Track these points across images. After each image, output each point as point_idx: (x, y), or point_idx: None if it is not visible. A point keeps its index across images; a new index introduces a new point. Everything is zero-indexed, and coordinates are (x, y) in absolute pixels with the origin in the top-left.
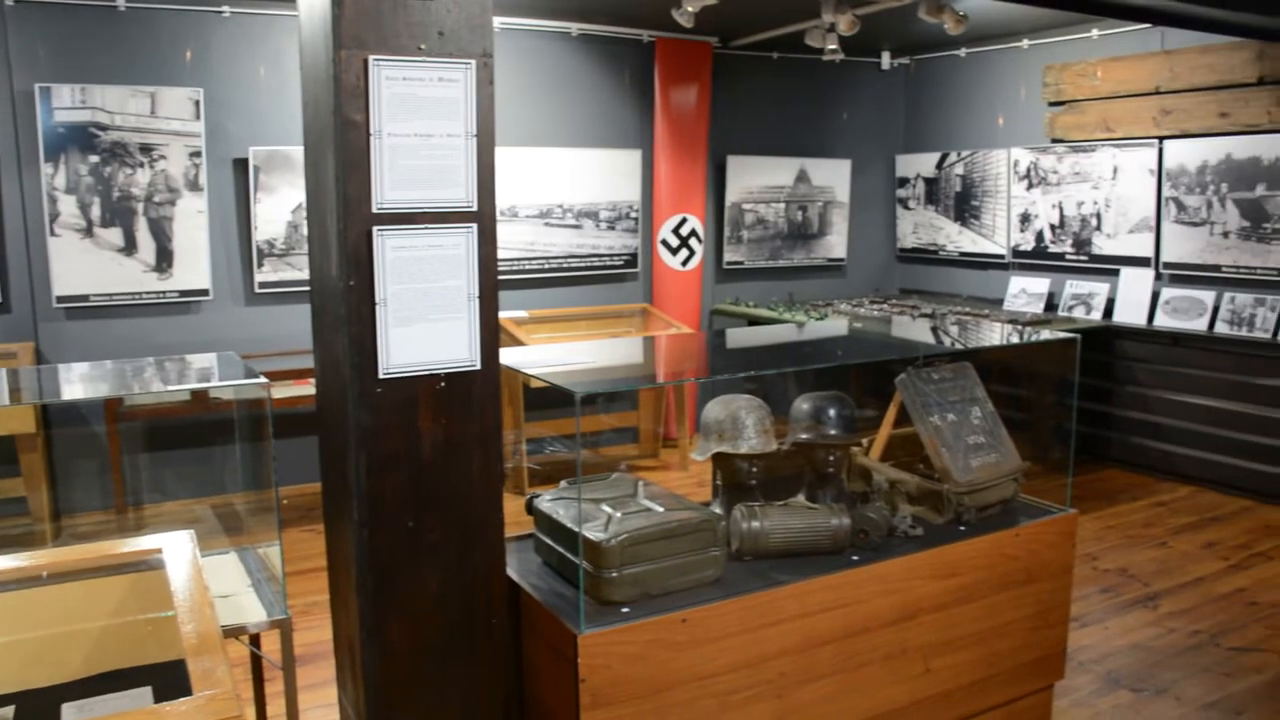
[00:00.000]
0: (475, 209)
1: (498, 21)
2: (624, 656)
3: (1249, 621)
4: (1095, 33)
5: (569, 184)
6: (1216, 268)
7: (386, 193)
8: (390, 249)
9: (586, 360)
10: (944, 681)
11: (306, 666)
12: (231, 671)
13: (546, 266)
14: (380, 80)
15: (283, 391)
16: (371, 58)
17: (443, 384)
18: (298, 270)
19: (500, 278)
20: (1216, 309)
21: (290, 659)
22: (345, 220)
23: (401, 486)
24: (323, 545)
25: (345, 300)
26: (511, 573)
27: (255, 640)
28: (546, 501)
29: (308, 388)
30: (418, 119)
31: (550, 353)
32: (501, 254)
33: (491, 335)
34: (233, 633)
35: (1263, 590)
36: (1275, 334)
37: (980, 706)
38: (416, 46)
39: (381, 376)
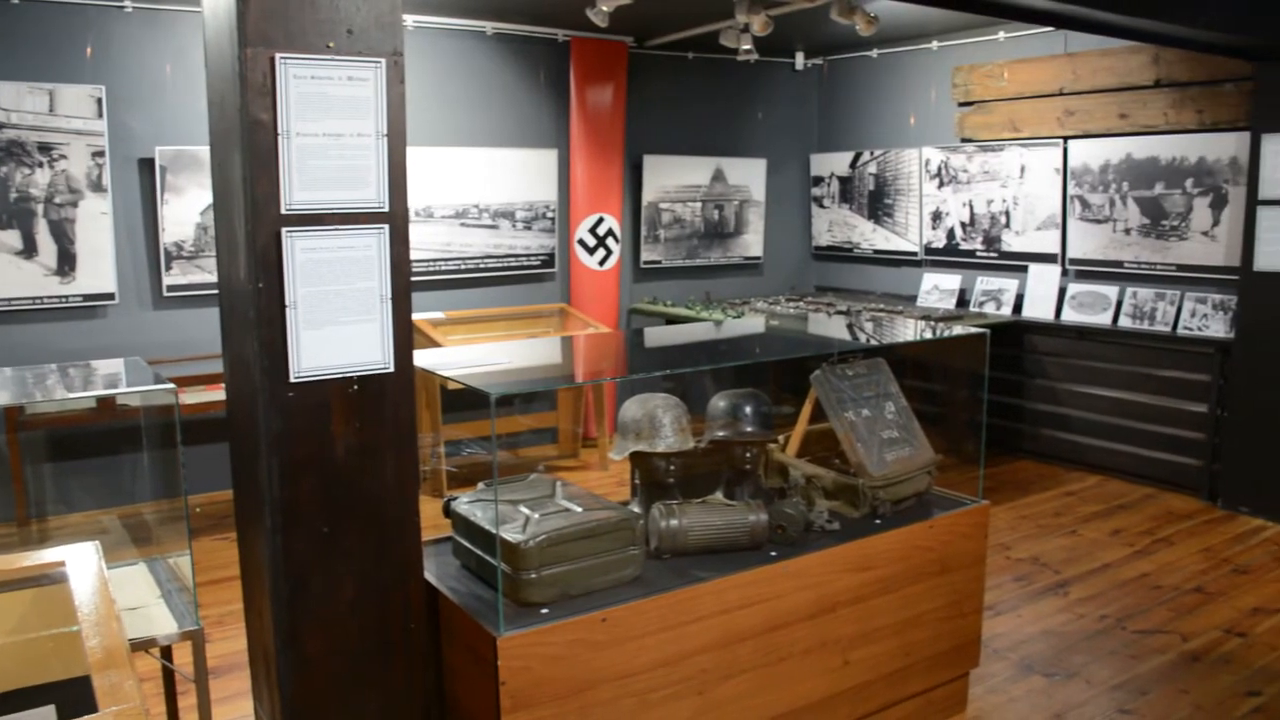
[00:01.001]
0: (387, 209)
1: (411, 20)
2: (544, 658)
3: (1153, 605)
4: (1002, 35)
5: (485, 184)
6: (1119, 264)
7: (295, 193)
8: (300, 251)
9: (503, 361)
10: (863, 673)
11: (221, 678)
12: (141, 686)
13: (463, 267)
14: (288, 79)
15: (193, 397)
16: (278, 55)
17: (355, 387)
18: (207, 273)
19: (416, 279)
20: (1120, 303)
21: (203, 671)
22: (253, 222)
23: (315, 491)
24: (236, 553)
25: (254, 303)
26: (429, 576)
27: (166, 653)
28: (464, 504)
29: (219, 393)
30: (327, 118)
31: (467, 354)
32: (417, 255)
33: (405, 337)
34: (142, 646)
35: (1165, 574)
36: (1175, 327)
37: (898, 696)
38: (325, 44)
39: (293, 380)
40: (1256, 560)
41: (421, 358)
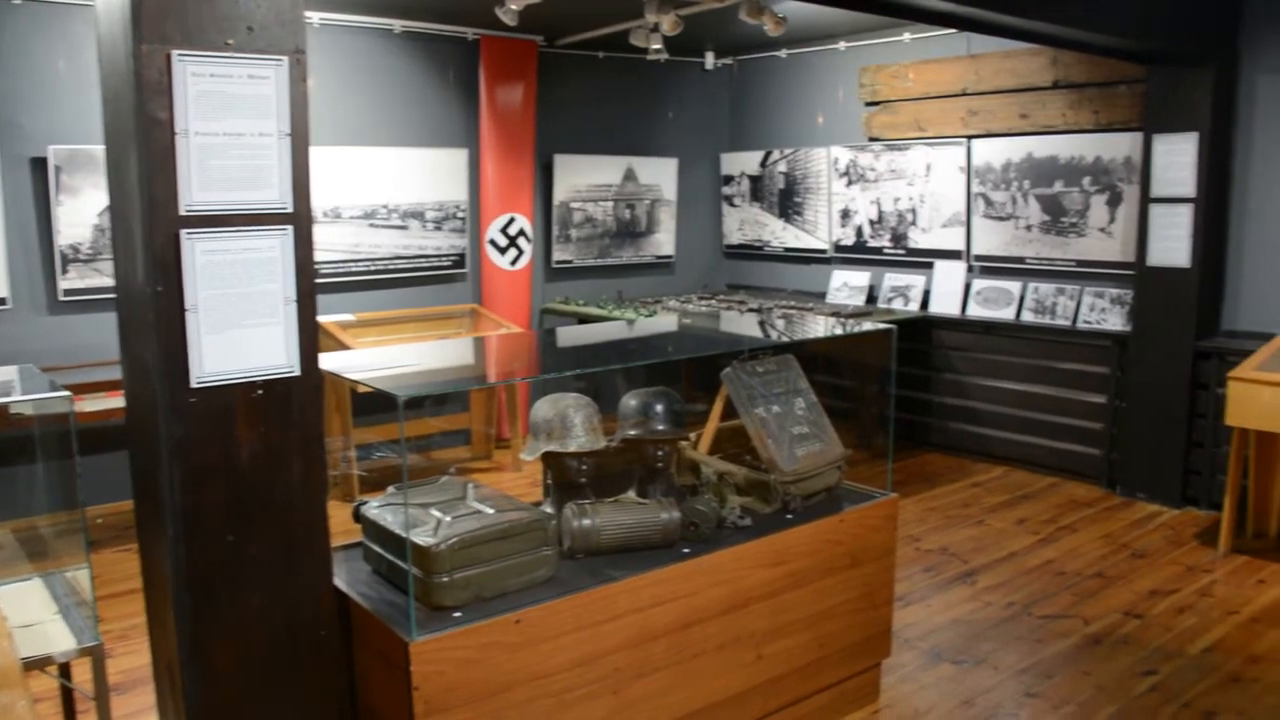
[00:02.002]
0: (290, 210)
1: (316, 17)
2: (457, 661)
3: (1057, 591)
4: (907, 36)
5: (394, 184)
6: (1021, 260)
7: (195, 194)
8: (200, 253)
9: (413, 363)
10: (776, 667)
11: (125, 695)
12: (35, 706)
13: (372, 268)
14: (185, 77)
15: (92, 404)
16: (175, 53)
17: (260, 391)
18: (106, 277)
19: (324, 280)
20: (1022, 299)
21: (104, 687)
22: (151, 223)
23: (219, 499)
24: (139, 565)
25: (154, 307)
26: (340, 582)
27: (65, 670)
28: (374, 508)
29: (118, 400)
30: (227, 117)
31: (376, 356)
32: (325, 256)
33: (311, 340)
34: (37, 664)
35: (1068, 560)
36: (1074, 321)
37: (811, 688)
38: (224, 42)
39: (194, 386)
40: (1153, 545)
41: (330, 360)
